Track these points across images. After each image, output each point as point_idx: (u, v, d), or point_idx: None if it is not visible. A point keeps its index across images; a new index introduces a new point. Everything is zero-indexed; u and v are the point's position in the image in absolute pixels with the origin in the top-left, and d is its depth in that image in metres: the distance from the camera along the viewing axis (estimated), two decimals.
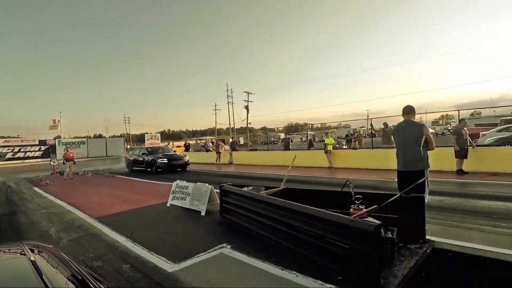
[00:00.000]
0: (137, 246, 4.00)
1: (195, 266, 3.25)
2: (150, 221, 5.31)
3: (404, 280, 2.63)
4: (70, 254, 3.58)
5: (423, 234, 3.47)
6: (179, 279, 2.97)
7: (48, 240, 4.58)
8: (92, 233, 4.80)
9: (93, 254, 3.83)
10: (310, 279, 2.75)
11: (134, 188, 9.93)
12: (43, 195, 9.20)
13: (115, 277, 3.12)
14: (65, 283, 1.32)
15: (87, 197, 8.38)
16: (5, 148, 30.32)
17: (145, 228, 4.85)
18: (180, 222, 5.16)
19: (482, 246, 3.28)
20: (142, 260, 3.53)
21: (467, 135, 8.35)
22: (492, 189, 6.49)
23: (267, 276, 2.92)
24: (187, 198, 5.94)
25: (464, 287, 2.60)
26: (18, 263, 1.46)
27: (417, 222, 3.46)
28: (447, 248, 3.30)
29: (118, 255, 3.76)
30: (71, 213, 6.42)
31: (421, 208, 3.44)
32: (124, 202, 7.15)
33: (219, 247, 3.74)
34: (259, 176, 11.34)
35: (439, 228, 4.02)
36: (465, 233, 3.76)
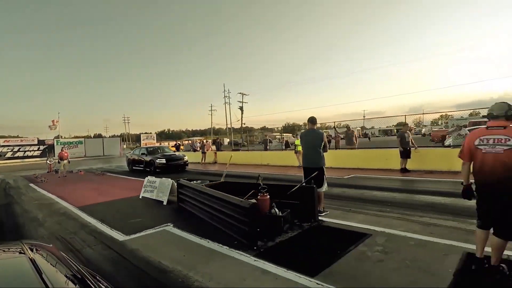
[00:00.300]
0: (104, 226, 5.15)
1: (140, 238, 4.40)
2: (121, 209, 6.46)
3: (277, 243, 3.78)
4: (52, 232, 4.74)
5: (315, 215, 4.61)
6: (125, 245, 4.12)
7: (36, 223, 5.74)
8: (72, 218, 5.96)
9: (69, 231, 4.99)
10: (215, 244, 3.89)
11: (118, 184, 11.09)
12: (37, 190, 10.36)
13: (80, 243, 4.28)
14: (65, 282, 1.33)
15: (75, 191, 9.54)
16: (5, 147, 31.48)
17: (115, 214, 5.99)
18: (144, 209, 6.31)
19: (354, 223, 4.42)
20: (104, 234, 4.68)
21: (409, 138, 9.50)
22: (415, 184, 7.63)
23: (188, 242, 4.07)
24: (155, 191, 7.09)
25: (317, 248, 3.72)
26: (17, 262, 1.47)
27: (309, 207, 4.61)
28: (328, 225, 4.45)
29: (87, 231, 4.92)
30: (58, 203, 7.58)
31: (313, 196, 4.59)
32: (105, 195, 8.31)
33: (164, 225, 4.89)
34: (236, 174, 12.41)
35: (339, 213, 5.16)
36: (353, 216, 4.89)
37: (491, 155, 2.51)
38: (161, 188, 6.94)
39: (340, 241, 3.77)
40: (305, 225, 4.46)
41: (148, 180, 7.57)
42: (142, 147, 18.71)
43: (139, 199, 7.40)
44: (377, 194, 6.72)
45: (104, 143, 39.28)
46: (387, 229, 4.08)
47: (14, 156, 31.71)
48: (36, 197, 8.82)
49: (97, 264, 3.54)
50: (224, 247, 3.77)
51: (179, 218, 5.34)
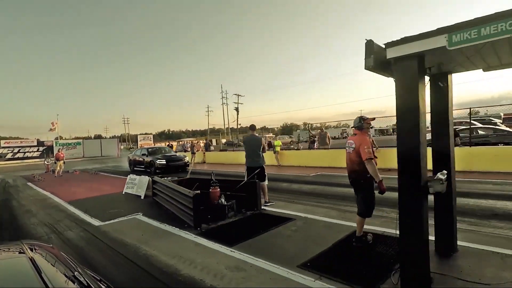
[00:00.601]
0: (85, 215, 6.12)
1: (113, 223, 5.37)
2: (104, 203, 7.43)
3: (218, 226, 4.75)
4: (41, 220, 5.70)
5: (258, 205, 5.57)
6: (99, 228, 5.10)
7: (29, 214, 6.72)
8: (60, 209, 6.94)
9: (56, 219, 5.96)
10: (170, 226, 4.85)
11: (108, 182, 12.06)
12: (34, 188, 11.35)
13: (63, 227, 5.26)
14: (64, 281, 1.34)
15: (67, 188, 10.52)
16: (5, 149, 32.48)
17: (97, 206, 6.96)
18: (123, 202, 7.28)
19: (289, 211, 5.38)
20: (84, 221, 5.66)
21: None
22: None
23: (150, 226, 5.04)
24: (135, 187, 8.07)
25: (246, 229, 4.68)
26: (17, 261, 1.48)
27: (253, 198, 5.57)
28: (267, 213, 5.41)
29: (71, 219, 5.89)
30: (51, 199, 8.56)
31: (255, 190, 5.55)
32: (93, 192, 9.28)
33: (135, 214, 5.86)
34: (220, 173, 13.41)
35: (283, 204, 6.12)
36: (292, 206, 5.85)
37: (347, 154, 3.50)
38: (140, 184, 7.92)
39: (268, 224, 4.72)
40: (248, 213, 5.43)
41: (130, 178, 8.55)
42: (143, 148, 18.54)
43: (122, 195, 8.36)
44: (328, 189, 7.69)
45: (102, 144, 40.28)
46: (310, 215, 5.05)
47: (14, 157, 32.74)
48: (32, 194, 9.81)
49: (74, 242, 4.51)
50: (176, 229, 4.74)
51: (149, 209, 6.31)
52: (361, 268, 3.00)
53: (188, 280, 3.00)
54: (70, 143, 38.32)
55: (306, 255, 3.41)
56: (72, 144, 37.96)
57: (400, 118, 2.42)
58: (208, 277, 3.02)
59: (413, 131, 2.34)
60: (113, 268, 3.49)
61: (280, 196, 6.87)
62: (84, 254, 3.98)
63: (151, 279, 3.11)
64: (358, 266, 3.07)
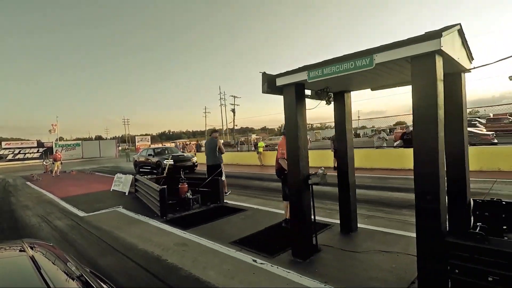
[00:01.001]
0: (74, 208, 7.03)
1: (96, 215, 6.28)
2: (92, 198, 8.34)
3: (182, 215, 5.64)
4: (35, 213, 6.62)
5: (220, 199, 6.46)
6: (83, 218, 6.01)
7: (25, 208, 7.63)
8: (53, 204, 7.86)
9: (48, 212, 6.88)
10: (143, 216, 5.74)
11: (100, 181, 12.97)
12: (32, 187, 12.28)
13: (53, 217, 6.17)
14: (65, 279, 1.35)
15: (63, 187, 11.44)
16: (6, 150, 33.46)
17: (86, 201, 7.87)
18: (109, 198, 8.18)
19: (246, 204, 6.27)
20: (72, 213, 6.57)
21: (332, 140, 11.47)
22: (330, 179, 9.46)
23: (126, 216, 5.94)
24: (121, 185, 8.98)
25: (204, 217, 5.56)
26: (18, 260, 1.49)
27: (216, 193, 6.46)
28: (227, 205, 6.30)
29: (61, 212, 6.80)
30: (46, 196, 9.48)
31: (218, 186, 6.45)
32: (85, 189, 10.20)
33: (116, 207, 6.77)
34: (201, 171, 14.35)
35: (245, 198, 7.02)
36: (251, 200, 6.74)
37: (277, 154, 4.39)
38: (125, 182, 8.83)
39: (224, 214, 5.62)
40: (212, 205, 6.33)
41: (117, 177, 9.47)
42: (149, 148, 17.61)
43: (110, 192, 9.27)
44: None
45: (100, 145, 41.27)
46: (262, 207, 5.94)
47: (15, 158, 33.75)
48: (30, 192, 10.74)
49: (60, 228, 5.41)
50: (146, 218, 5.64)
51: (130, 203, 7.21)
52: (273, 243, 3.89)
53: (142, 252, 3.90)
54: (70, 144, 39.33)
55: (240, 235, 4.30)
56: (72, 145, 38.96)
57: (287, 129, 3.31)
58: (157, 249, 3.92)
59: (294, 139, 3.24)
60: (88, 245, 4.38)
61: (248, 192, 7.76)
62: (67, 237, 4.88)
63: (114, 252, 4.01)
64: (271, 242, 3.96)
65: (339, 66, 2.70)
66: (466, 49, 2.87)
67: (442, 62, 2.31)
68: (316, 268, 3.10)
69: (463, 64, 2.78)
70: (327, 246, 3.63)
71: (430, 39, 2.15)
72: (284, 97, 3.30)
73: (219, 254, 3.64)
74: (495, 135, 13.47)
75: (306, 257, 3.30)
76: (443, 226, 2.27)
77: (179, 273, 3.20)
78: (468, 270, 2.13)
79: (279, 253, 3.54)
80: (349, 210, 4.07)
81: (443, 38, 2.12)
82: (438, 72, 2.22)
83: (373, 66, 2.46)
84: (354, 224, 4.15)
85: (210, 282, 2.94)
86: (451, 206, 3.22)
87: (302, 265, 3.18)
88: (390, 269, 2.95)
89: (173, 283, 2.99)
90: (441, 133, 2.27)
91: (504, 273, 1.97)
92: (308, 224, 3.35)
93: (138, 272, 3.29)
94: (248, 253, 3.63)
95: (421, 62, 2.26)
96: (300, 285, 2.76)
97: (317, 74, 2.89)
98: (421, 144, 2.32)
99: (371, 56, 2.46)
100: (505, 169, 8.31)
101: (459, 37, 2.66)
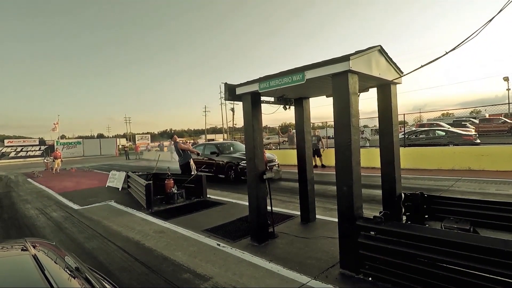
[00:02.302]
0: (70, 202, 7.61)
1: (89, 208, 6.85)
2: (88, 193, 8.92)
3: (166, 208, 6.20)
4: (34, 206, 7.21)
5: (203, 194, 7.02)
6: (77, 210, 6.59)
7: (25, 201, 8.22)
8: (51, 198, 8.45)
9: (46, 205, 7.46)
10: (131, 209, 6.31)
11: (97, 178, 13.55)
12: (32, 183, 12.90)
13: (50, 210, 6.75)
14: (67, 278, 1.36)
15: (61, 183, 12.05)
16: (8, 148, 34.18)
17: (82, 196, 8.45)
18: (103, 193, 8.76)
19: (226, 199, 6.82)
20: (67, 206, 7.15)
21: (317, 140, 12.04)
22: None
23: (115, 209, 6.51)
24: (115, 181, 9.56)
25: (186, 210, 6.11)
26: (20, 259, 1.50)
27: (199, 188, 7.02)
28: (209, 200, 6.85)
29: (58, 205, 7.39)
30: (45, 191, 10.08)
31: (201, 182, 7.00)
32: (82, 185, 10.79)
33: (108, 201, 7.34)
34: None
35: (227, 193, 7.57)
36: (232, 195, 7.28)
37: None
38: (119, 179, 9.41)
39: (204, 207, 6.17)
40: (195, 200, 6.88)
41: (111, 173, 10.05)
42: (208, 143, 13.63)
43: (105, 187, 9.86)
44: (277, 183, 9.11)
45: (101, 144, 41.94)
46: (240, 201, 6.48)
47: (17, 156, 34.46)
48: (30, 188, 11.35)
49: (56, 219, 5.98)
50: (134, 210, 6.20)
51: (121, 197, 7.78)
52: (238, 231, 4.44)
53: (124, 237, 4.46)
54: (71, 142, 40.03)
55: (212, 224, 4.85)
56: (73, 143, 39.67)
57: (245, 131, 3.85)
58: (138, 236, 4.48)
59: (250, 140, 3.77)
60: (77, 232, 4.94)
61: (232, 188, 8.30)
62: (60, 225, 5.44)
63: (100, 237, 4.57)
64: (237, 230, 4.51)
65: (281, 80, 3.24)
66: (392, 64, 3.40)
67: (357, 79, 2.84)
68: (268, 250, 3.64)
69: (387, 78, 3.31)
70: (284, 234, 4.17)
71: (342, 61, 2.68)
72: (243, 104, 3.84)
73: (189, 239, 4.19)
74: (477, 136, 13.94)
75: (261, 241, 3.85)
76: (356, 212, 2.81)
77: (152, 254, 3.75)
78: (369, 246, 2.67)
79: (240, 239, 4.08)
80: (307, 202, 4.61)
81: (351, 61, 2.65)
82: (351, 87, 2.75)
83: (304, 81, 2.99)
84: (313, 215, 4.69)
85: (175, 260, 3.49)
86: (384, 198, 3.76)
87: (257, 248, 3.72)
88: (328, 251, 3.49)
89: (145, 260, 3.54)
90: (355, 137, 2.80)
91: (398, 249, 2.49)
92: (264, 213, 3.89)
93: (117, 253, 3.85)
94: (215, 238, 4.18)
95: (337, 79, 2.79)
96: (249, 262, 3.31)
97: (266, 86, 3.43)
98: (339, 145, 2.85)
99: (302, 72, 3.00)
100: (475, 168, 8.80)
101: (380, 55, 3.18)
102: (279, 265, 3.17)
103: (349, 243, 2.81)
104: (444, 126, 16.72)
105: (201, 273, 3.12)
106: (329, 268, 3.04)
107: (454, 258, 2.18)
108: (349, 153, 2.77)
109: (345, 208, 2.84)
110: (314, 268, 3.06)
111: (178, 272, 3.18)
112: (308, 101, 4.61)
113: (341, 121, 2.81)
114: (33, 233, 5.08)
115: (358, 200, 2.84)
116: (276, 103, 4.41)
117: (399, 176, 3.67)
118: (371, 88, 3.72)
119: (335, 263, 3.12)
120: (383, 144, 3.66)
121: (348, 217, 2.81)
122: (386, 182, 3.69)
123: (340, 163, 2.86)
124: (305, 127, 4.56)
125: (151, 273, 3.20)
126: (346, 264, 2.87)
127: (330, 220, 4.69)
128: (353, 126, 2.77)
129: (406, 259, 2.43)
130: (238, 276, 3.00)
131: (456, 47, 2.48)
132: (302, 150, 4.60)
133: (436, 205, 3.54)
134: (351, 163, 2.77)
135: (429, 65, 2.79)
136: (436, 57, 2.66)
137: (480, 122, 22.63)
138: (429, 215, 3.55)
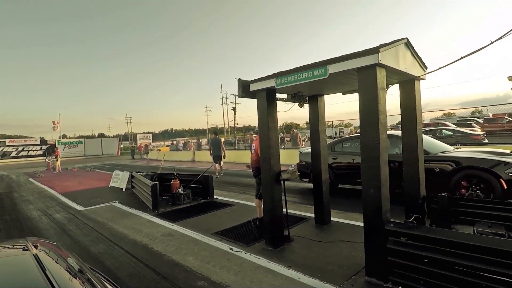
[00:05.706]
0: (73, 203, 7.43)
1: (93, 209, 6.66)
2: (91, 194, 8.74)
3: (172, 210, 6.01)
4: (36, 207, 7.04)
5: (210, 195, 6.83)
6: (80, 212, 6.40)
7: (27, 202, 8.04)
8: (53, 199, 8.27)
9: (48, 206, 7.28)
10: (136, 210, 6.12)
11: (99, 178, 13.38)
12: (34, 182, 12.73)
13: (53, 211, 6.57)
14: (68, 278, 1.36)
15: (63, 183, 11.88)
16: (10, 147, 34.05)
17: (85, 197, 8.27)
18: (106, 193, 8.58)
19: (234, 200, 6.63)
20: (70, 207, 6.97)
21: (298, 140, 11.98)
22: None
23: (120, 210, 6.32)
24: (119, 181, 9.37)
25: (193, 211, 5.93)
26: (22, 258, 1.50)
27: (207, 189, 6.83)
28: (216, 201, 6.66)
29: (61, 205, 7.21)
30: (47, 191, 9.90)
31: (208, 182, 6.81)
32: (85, 185, 10.62)
33: (112, 202, 7.16)
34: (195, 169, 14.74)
35: (234, 194, 7.38)
36: (239, 196, 7.09)
37: (251, 154, 4.71)
38: (122, 179, 9.22)
39: (211, 208, 5.98)
40: (202, 200, 6.69)
41: (115, 173, 9.87)
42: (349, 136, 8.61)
43: (108, 188, 9.68)
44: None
45: (102, 143, 41.80)
46: (248, 202, 6.29)
47: (19, 155, 34.34)
48: (32, 187, 11.18)
49: (59, 220, 5.80)
50: (139, 211, 6.02)
51: (126, 198, 7.60)
52: (249, 234, 4.25)
53: (131, 241, 4.27)
54: (72, 142, 39.89)
55: (221, 227, 4.65)
56: (74, 143, 39.52)
57: (259, 129, 3.66)
58: (145, 239, 4.29)
59: (265, 139, 3.58)
60: (82, 235, 4.76)
61: (238, 189, 8.11)
62: (64, 228, 5.26)
63: (106, 240, 4.38)
64: (248, 233, 4.32)
65: (300, 75, 3.04)
66: (417, 59, 3.20)
67: (384, 73, 2.64)
68: (284, 255, 3.45)
69: (413, 73, 3.11)
70: (299, 237, 3.98)
71: (370, 53, 2.49)
72: (257, 101, 3.64)
73: (199, 243, 4.00)
74: (485, 135, 13.77)
75: (277, 246, 3.65)
76: (384, 216, 2.61)
77: (162, 259, 3.56)
78: (399, 253, 2.47)
79: (254, 243, 3.89)
80: (322, 204, 4.41)
81: (381, 53, 2.46)
82: (379, 82, 2.56)
83: (327, 75, 2.79)
84: (327, 217, 4.49)
85: (187, 266, 3.30)
86: (407, 200, 3.57)
87: (272, 253, 3.53)
88: (348, 256, 3.30)
89: (155, 266, 3.35)
90: (383, 135, 2.61)
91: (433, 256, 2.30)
92: (279, 216, 3.70)
93: (125, 258, 3.66)
94: (227, 242, 3.99)
95: (364, 73, 2.59)
96: (266, 268, 3.12)
97: (283, 81, 3.24)
98: (365, 144, 2.65)
99: (325, 66, 2.80)
100: None
101: (406, 49, 2.99)
102: (299, 272, 2.97)
103: (377, 249, 2.62)
104: (450, 125, 16.54)
105: (216, 280, 2.92)
106: (353, 275, 2.85)
107: (498, 268, 1.99)
108: (377, 153, 2.57)
109: (372, 212, 2.64)
110: (336, 276, 2.87)
111: (191, 279, 2.99)
112: (323, 98, 4.41)
113: (368, 119, 2.62)
114: (36, 235, 4.89)
115: (386, 203, 2.64)
116: (290, 101, 4.23)
117: (423, 177, 3.48)
118: (393, 84, 3.53)
119: (359, 270, 2.93)
120: (406, 143, 3.47)
121: (376, 221, 2.62)
122: (409, 183, 3.49)
123: (366, 163, 2.66)
124: (320, 126, 4.37)
125: (162, 280, 3.01)
126: (373, 272, 2.68)
127: (346, 223, 4.50)
128: (381, 124, 2.58)
129: (442, 268, 2.24)
130: (257, 283, 2.80)
131: (503, 36, 2.28)
132: (316, 150, 4.41)
133: (463, 207, 3.34)
134: (380, 164, 2.57)
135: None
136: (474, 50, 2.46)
137: (485, 122, 22.45)
138: (455, 218, 3.35)
